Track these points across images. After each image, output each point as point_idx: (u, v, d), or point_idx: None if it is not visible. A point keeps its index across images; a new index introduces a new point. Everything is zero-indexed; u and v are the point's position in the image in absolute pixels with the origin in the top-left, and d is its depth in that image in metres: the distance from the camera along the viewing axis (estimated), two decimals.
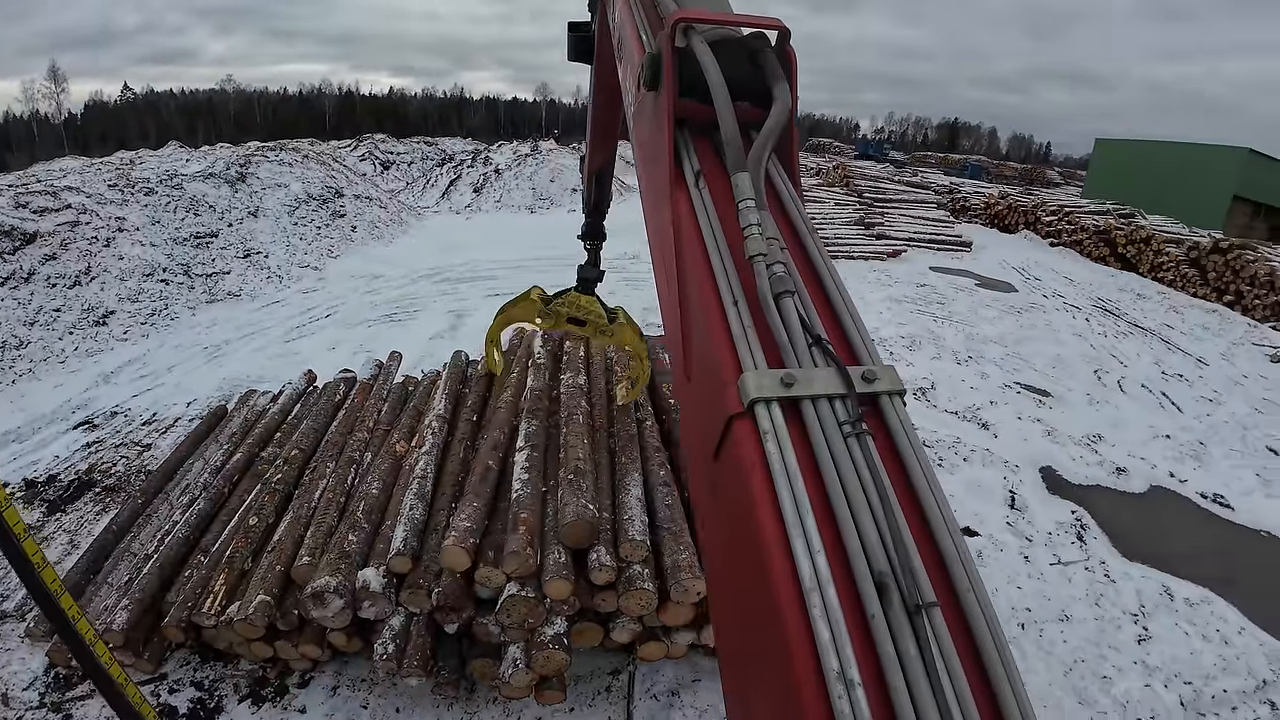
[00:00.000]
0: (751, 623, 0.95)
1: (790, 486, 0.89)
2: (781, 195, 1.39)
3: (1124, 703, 3.96)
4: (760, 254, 1.14)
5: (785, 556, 0.84)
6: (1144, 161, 31.48)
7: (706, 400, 1.14)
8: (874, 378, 1.03)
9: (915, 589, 0.80)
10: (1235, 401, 9.18)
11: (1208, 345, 11.74)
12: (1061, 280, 14.61)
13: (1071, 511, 5.69)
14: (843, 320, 1.17)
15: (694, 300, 1.25)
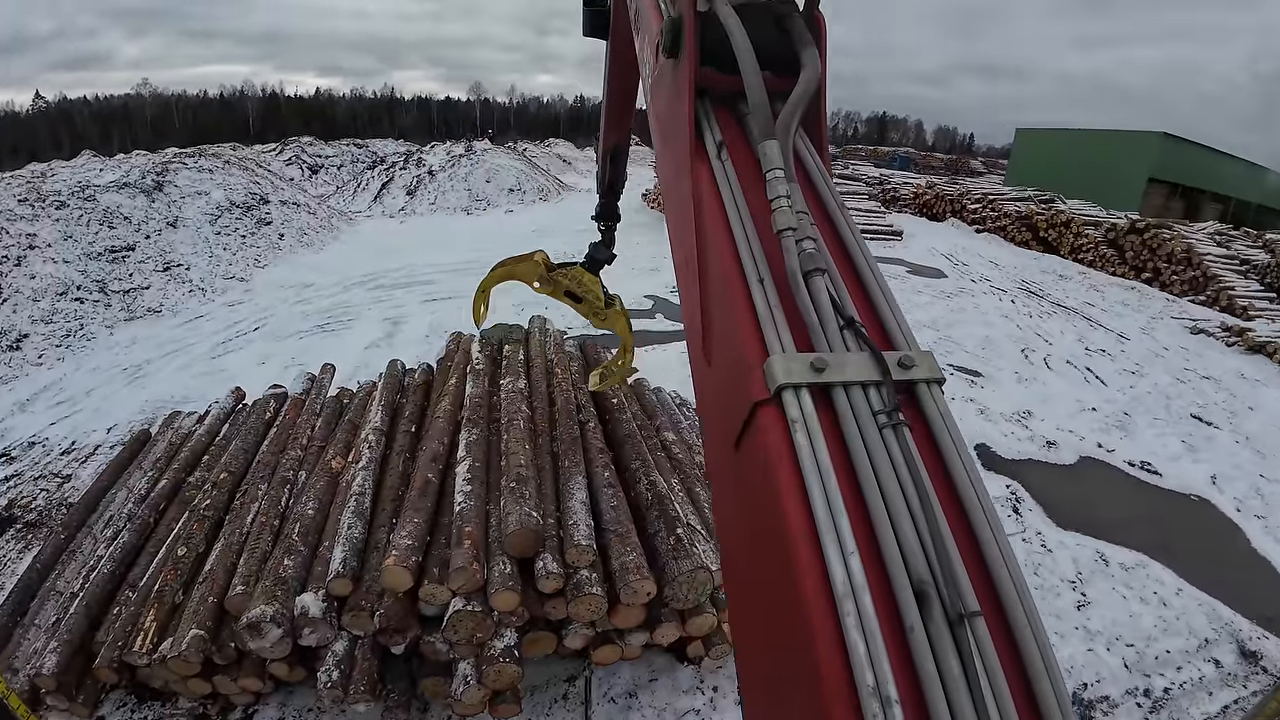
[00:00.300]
0: (776, 631, 0.88)
1: (821, 481, 0.82)
2: (809, 169, 1.30)
3: (1069, 668, 4.12)
4: (789, 228, 1.07)
5: (815, 558, 0.78)
6: (1063, 149, 33.00)
7: (728, 385, 1.07)
8: (911, 364, 0.96)
9: (958, 597, 0.74)
10: (1157, 372, 9.71)
11: (1128, 320, 12.39)
12: (988, 265, 15.18)
13: (1006, 486, 5.91)
14: (876, 302, 1.10)
15: (715, 278, 1.18)
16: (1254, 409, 9.23)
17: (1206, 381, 9.88)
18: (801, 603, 0.78)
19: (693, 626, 3.39)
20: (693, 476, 4.37)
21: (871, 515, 0.82)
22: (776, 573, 0.85)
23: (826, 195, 1.26)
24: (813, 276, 1.04)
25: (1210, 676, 4.26)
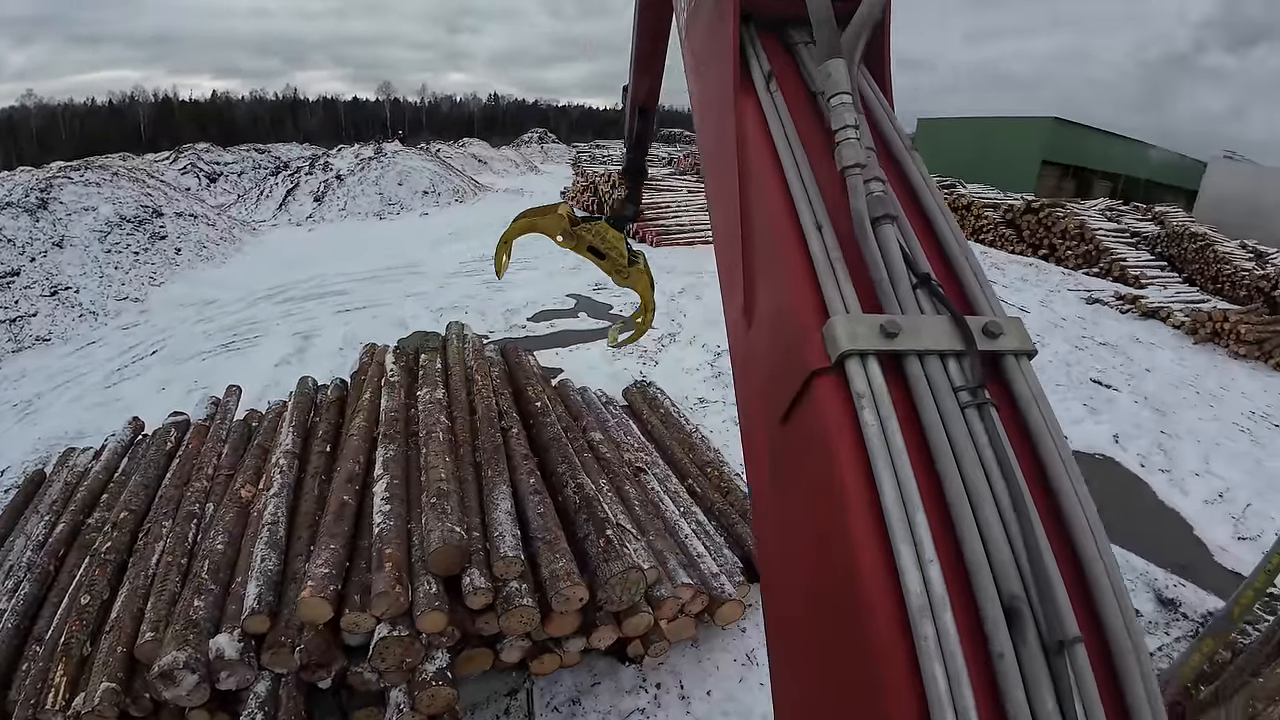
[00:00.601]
0: (828, 651, 0.73)
1: (894, 470, 0.69)
2: (872, 106, 1.12)
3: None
4: (857, 164, 0.92)
5: (884, 565, 0.65)
6: (961, 135, 34.69)
7: (775, 350, 0.92)
8: (998, 331, 0.81)
9: (1056, 619, 0.62)
10: (1057, 342, 10.34)
11: (1028, 294, 13.13)
12: None
13: None
14: (952, 258, 0.94)
15: (761, 225, 1.03)
16: (1150, 370, 9.96)
17: (1104, 348, 10.58)
18: (865, 618, 0.65)
19: (629, 627, 3.40)
20: (621, 475, 4.38)
21: (953, 514, 0.68)
22: (833, 579, 0.72)
23: (892, 135, 1.09)
24: (882, 224, 0.89)
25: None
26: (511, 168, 32.82)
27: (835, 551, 0.71)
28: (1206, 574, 5.27)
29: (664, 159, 27.72)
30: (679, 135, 63.28)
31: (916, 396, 0.76)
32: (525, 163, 34.48)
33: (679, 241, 14.58)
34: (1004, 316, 0.84)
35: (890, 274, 0.85)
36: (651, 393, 6.18)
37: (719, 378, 7.28)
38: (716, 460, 5.12)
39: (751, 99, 1.15)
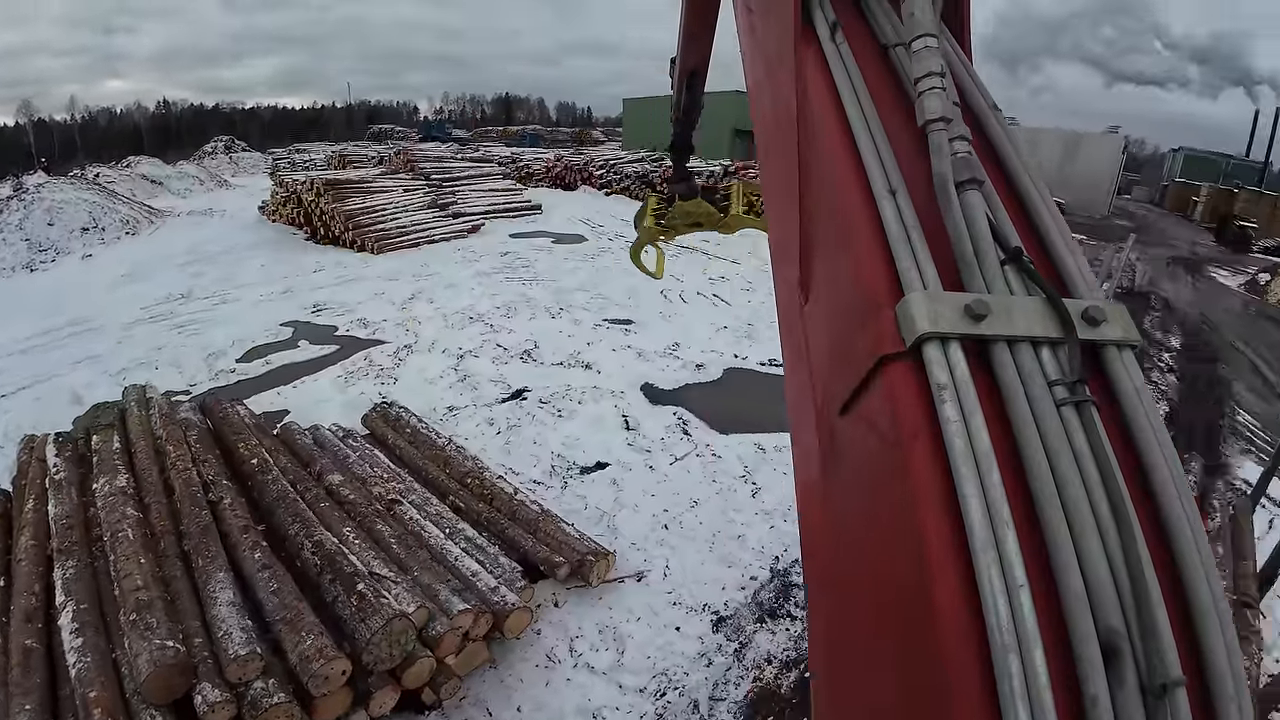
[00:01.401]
0: (894, 682, 0.64)
1: (979, 476, 0.59)
2: (954, 66, 0.99)
3: (760, 549, 4.71)
4: (942, 118, 0.80)
5: (964, 587, 0.56)
6: (663, 112, 37.54)
7: (837, 331, 0.82)
8: (1100, 318, 0.71)
9: (1159, 658, 0.54)
10: (766, 284, 11.54)
11: (736, 249, 14.45)
12: (619, 223, 16.54)
13: (674, 413, 6.54)
14: (1045, 232, 0.82)
15: (823, 190, 0.91)
16: None
17: None
18: (939, 647, 0.56)
19: (411, 678, 3.11)
20: (371, 514, 4.01)
21: (1047, 533, 0.59)
22: (902, 597, 0.62)
23: (974, 95, 0.97)
24: (967, 189, 0.78)
25: None
26: (195, 185, 28.33)
27: (906, 566, 0.62)
28: None
29: (373, 158, 26.00)
30: (390, 132, 60.05)
31: (1005, 390, 0.66)
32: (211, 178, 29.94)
33: (402, 244, 13.78)
34: (1106, 301, 0.74)
35: (976, 247, 0.74)
36: (395, 413, 5.76)
37: (465, 381, 7.03)
38: (476, 469, 4.92)
39: (814, 50, 1.03)
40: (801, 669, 3.93)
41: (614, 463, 5.62)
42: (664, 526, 4.84)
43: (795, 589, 4.48)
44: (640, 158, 23.79)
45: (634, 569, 4.37)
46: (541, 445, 5.79)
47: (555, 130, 65.37)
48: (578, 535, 4.32)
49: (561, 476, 5.37)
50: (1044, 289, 0.71)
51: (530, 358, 7.76)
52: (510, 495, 4.62)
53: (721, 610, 4.18)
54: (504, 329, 8.64)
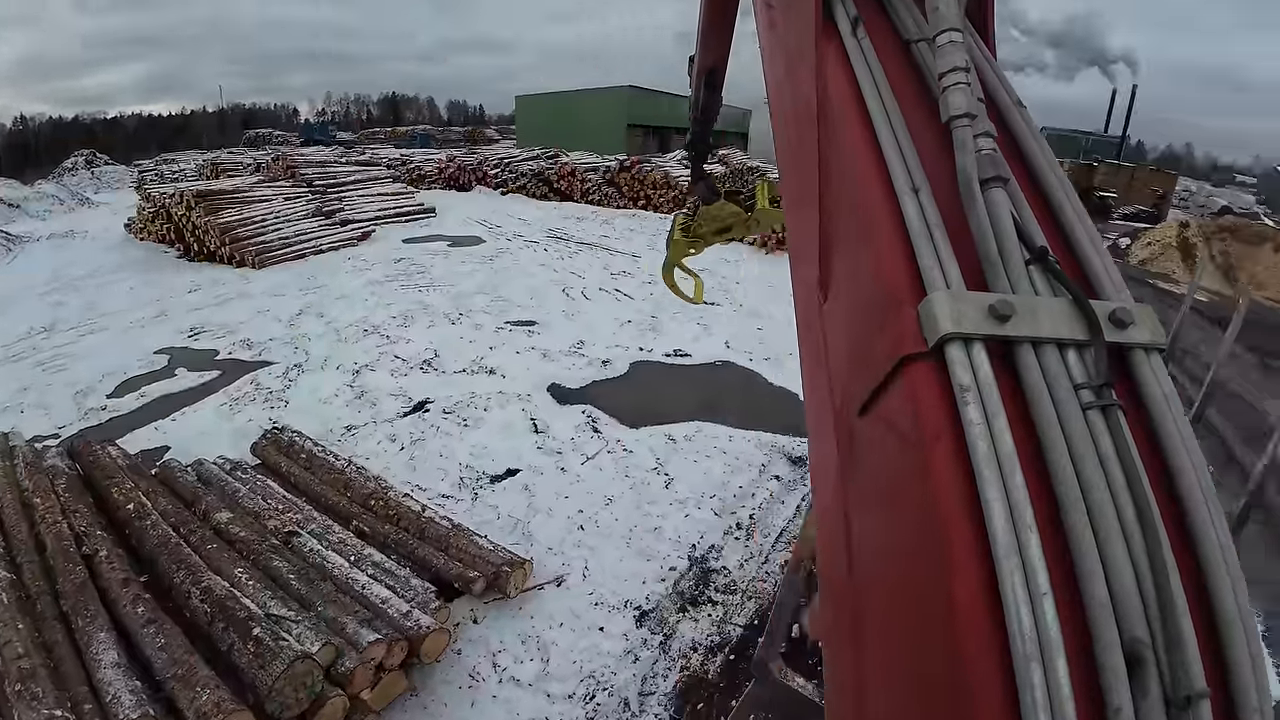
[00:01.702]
0: (909, 697, 0.63)
1: (1002, 480, 0.58)
2: (977, 61, 0.97)
3: (677, 538, 4.75)
4: (967, 114, 0.78)
5: (985, 594, 0.55)
6: (557, 109, 37.88)
7: (857, 330, 0.79)
8: (1128, 320, 0.69)
9: (1182, 669, 0.53)
10: None
11: (636, 242, 14.61)
12: (518, 223, 16.34)
13: (583, 412, 6.50)
14: (1071, 232, 0.80)
15: (844, 186, 0.89)
16: (739, 283, 11.82)
17: (703, 273, 12.08)
18: (958, 657, 0.55)
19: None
20: (267, 550, 3.76)
21: (1071, 540, 0.58)
22: (919, 607, 0.61)
23: (999, 91, 0.95)
24: (991, 186, 0.76)
25: (776, 490, 5.38)
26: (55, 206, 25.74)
27: (926, 570, 0.60)
28: None
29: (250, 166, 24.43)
30: (267, 137, 56.65)
31: (1030, 393, 0.64)
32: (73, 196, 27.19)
33: (286, 257, 13.00)
34: (1133, 303, 0.72)
35: (1000, 246, 0.72)
36: (287, 438, 5.44)
37: (363, 397, 6.71)
38: (379, 490, 4.71)
39: (835, 45, 1.01)
40: (727, 652, 3.99)
41: (524, 468, 5.52)
42: (580, 528, 4.80)
43: (714, 574, 4.54)
44: (535, 155, 23.52)
45: (552, 574, 4.30)
46: (448, 457, 5.61)
47: (447, 130, 63.73)
48: (491, 547, 4.21)
49: (471, 488, 5.23)
50: (1070, 289, 0.70)
51: (431, 367, 7.51)
52: (418, 513, 4.45)
53: (644, 604, 4.18)
54: (401, 339, 8.33)
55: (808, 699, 3.31)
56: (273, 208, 15.71)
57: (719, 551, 4.75)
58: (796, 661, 3.72)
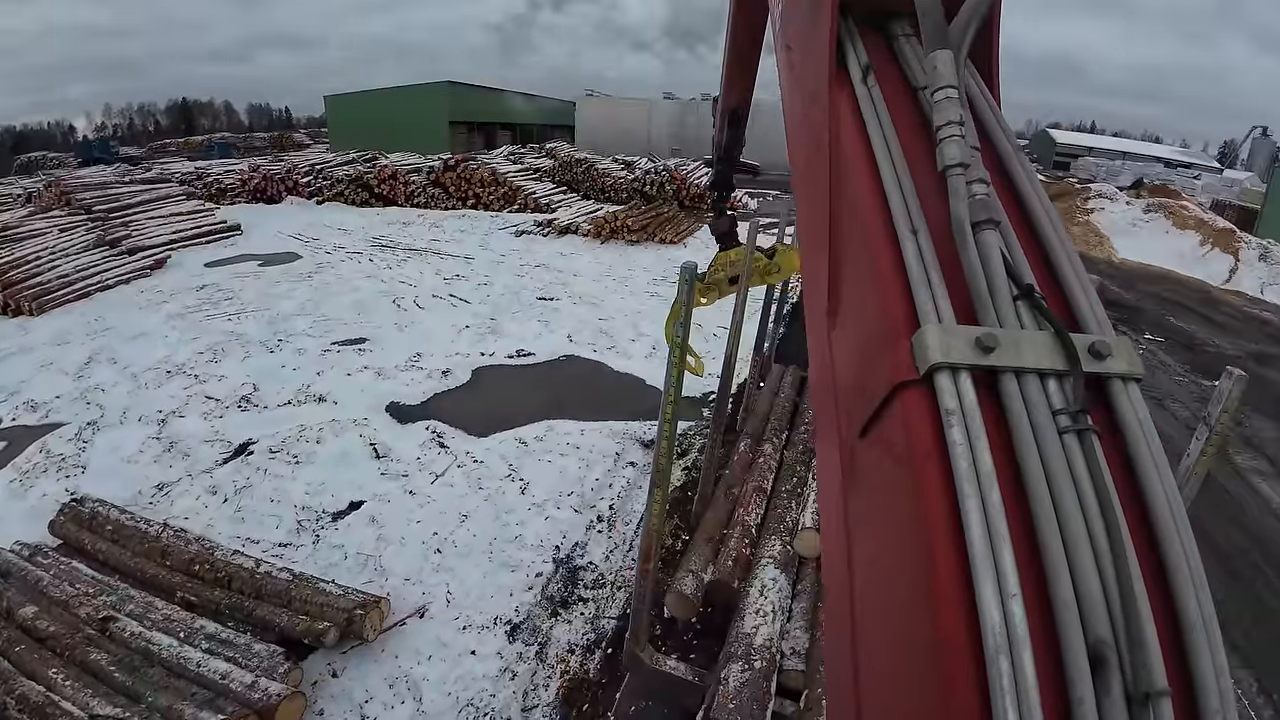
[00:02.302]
0: (896, 683, 0.70)
1: (980, 495, 0.65)
2: (979, 107, 1.06)
3: (539, 543, 4.68)
4: (960, 164, 0.86)
5: (962, 595, 0.62)
6: (371, 108, 35.43)
7: (859, 358, 0.89)
8: (1106, 352, 0.76)
9: (1143, 668, 0.59)
10: (502, 276, 11.45)
11: (468, 243, 14.19)
12: (337, 232, 15.29)
13: (426, 428, 6.24)
14: (1060, 269, 0.87)
15: (852, 226, 0.98)
16: (577, 275, 11.85)
17: (539, 269, 12.18)
18: (938, 651, 0.62)
19: None
20: (80, 643, 3.35)
21: (1041, 547, 0.65)
22: (906, 608, 0.69)
23: (999, 136, 1.03)
24: (984, 229, 0.83)
25: (633, 477, 5.46)
26: None
27: (914, 573, 0.67)
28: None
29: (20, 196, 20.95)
30: (41, 161, 49.08)
31: (1011, 417, 0.72)
32: None
33: (67, 298, 11.20)
34: (1113, 336, 0.79)
35: (990, 283, 0.79)
36: (89, 510, 4.77)
37: (173, 449, 5.93)
38: (204, 552, 4.25)
39: (846, 92, 1.09)
40: (604, 647, 4.00)
41: (368, 498, 5.18)
42: (436, 551, 4.60)
43: (581, 572, 4.54)
44: (351, 159, 22.06)
45: (413, 607, 4.10)
46: (281, 501, 5.14)
47: (249, 137, 58.28)
48: (341, 591, 3.94)
49: (311, 530, 4.83)
50: (1053, 324, 0.77)
51: (250, 404, 6.81)
52: (252, 570, 4.08)
53: (514, 618, 4.10)
54: (212, 377, 7.46)
55: (683, 679, 3.40)
56: (46, 242, 13.62)
57: (583, 548, 4.75)
58: (667, 645, 3.81)
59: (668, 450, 2.88)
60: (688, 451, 6.05)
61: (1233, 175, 34.81)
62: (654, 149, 32.92)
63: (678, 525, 4.89)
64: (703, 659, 3.54)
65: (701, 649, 3.67)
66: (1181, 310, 13.63)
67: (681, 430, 6.40)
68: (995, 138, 1.05)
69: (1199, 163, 42.85)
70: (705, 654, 3.58)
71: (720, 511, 4.43)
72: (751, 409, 5.91)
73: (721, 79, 3.15)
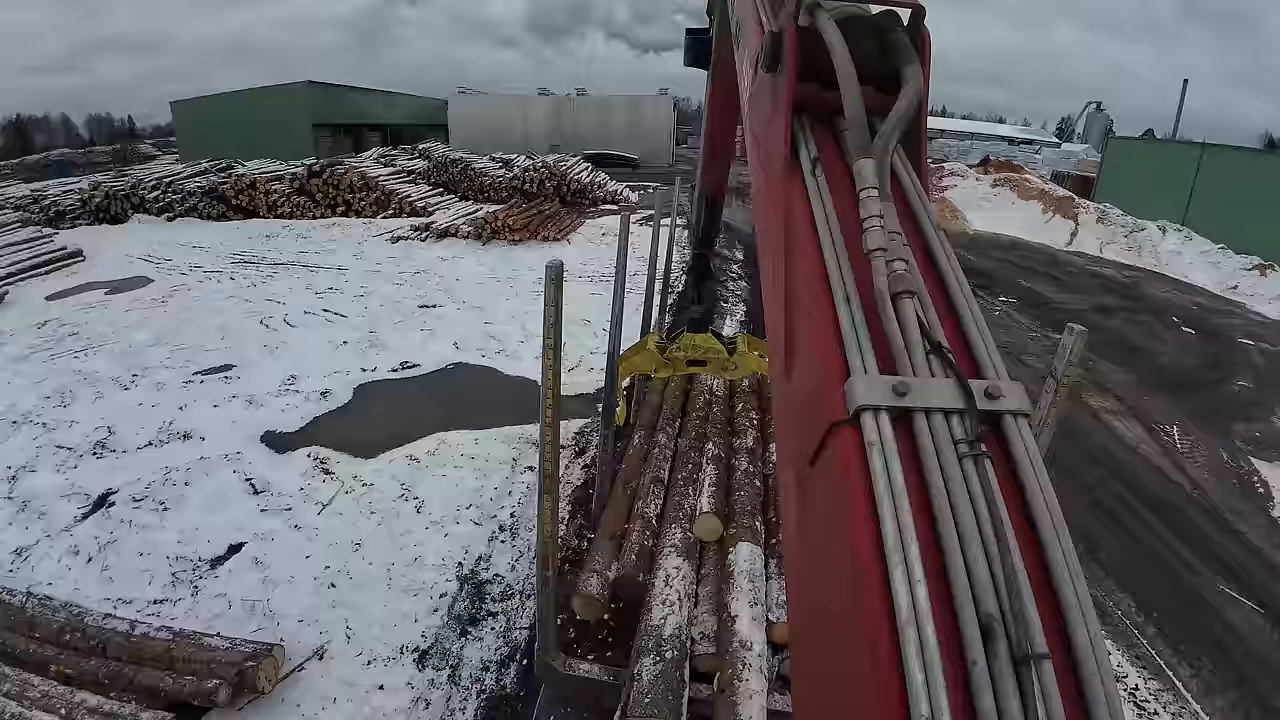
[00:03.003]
0: (837, 653, 0.88)
1: (894, 506, 0.82)
2: (906, 189, 1.31)
3: (441, 562, 4.55)
4: (880, 248, 1.08)
5: (881, 583, 0.78)
6: (225, 113, 32.24)
7: (807, 402, 1.08)
8: (998, 394, 0.96)
9: (1026, 637, 0.74)
10: (380, 286, 11.01)
11: (341, 254, 13.49)
12: (193, 251, 14.10)
13: (308, 455, 5.87)
14: (966, 328, 1.10)
15: (801, 294, 1.19)
16: (459, 279, 11.54)
17: (419, 275, 11.76)
18: (864, 626, 0.78)
19: None
20: None
21: (943, 544, 0.81)
22: (842, 593, 0.86)
23: (922, 216, 1.26)
24: (901, 299, 1.03)
25: (532, 481, 5.38)
26: None
27: (844, 569, 0.85)
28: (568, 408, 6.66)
29: None
30: None
31: (920, 447, 0.89)
32: None
33: None
34: (1006, 381, 0.99)
35: (906, 341, 0.98)
36: None
37: (26, 509, 5.11)
38: (73, 620, 3.89)
39: (799, 181, 1.30)
40: (520, 659, 3.94)
41: (249, 539, 4.81)
42: (330, 586, 4.36)
43: (488, 585, 4.45)
44: (204, 169, 20.35)
45: (310, 649, 3.86)
46: (151, 554, 4.68)
47: (90, 151, 52.59)
48: (228, 644, 3.67)
49: (189, 582, 4.43)
50: (955, 373, 0.95)
51: (107, 449, 6.15)
52: (127, 633, 3.75)
53: (421, 644, 3.97)
54: (62, 423, 6.68)
55: (598, 679, 3.40)
56: None
57: (488, 561, 4.66)
58: (582, 647, 3.80)
59: (552, 455, 2.86)
60: (587, 449, 6.04)
61: (1070, 148, 37.96)
62: (532, 146, 32.48)
63: (582, 525, 4.88)
64: (619, 655, 3.55)
65: (618, 645, 3.68)
66: (1031, 273, 14.96)
67: (578, 428, 6.40)
68: (919, 215, 1.28)
69: (1039, 139, 46.78)
70: (622, 650, 3.59)
71: (619, 506, 4.44)
72: (643, 400, 5.96)
73: (699, 168, 3.36)
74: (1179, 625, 4.65)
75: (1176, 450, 7.19)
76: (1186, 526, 5.79)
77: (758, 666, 3.00)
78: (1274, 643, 4.58)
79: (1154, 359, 9.89)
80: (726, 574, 3.70)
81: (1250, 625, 4.70)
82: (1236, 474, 6.78)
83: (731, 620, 3.32)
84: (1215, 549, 5.50)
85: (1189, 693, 4.14)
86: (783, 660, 3.29)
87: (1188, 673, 4.27)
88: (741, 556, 3.73)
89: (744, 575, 3.61)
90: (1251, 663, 4.39)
